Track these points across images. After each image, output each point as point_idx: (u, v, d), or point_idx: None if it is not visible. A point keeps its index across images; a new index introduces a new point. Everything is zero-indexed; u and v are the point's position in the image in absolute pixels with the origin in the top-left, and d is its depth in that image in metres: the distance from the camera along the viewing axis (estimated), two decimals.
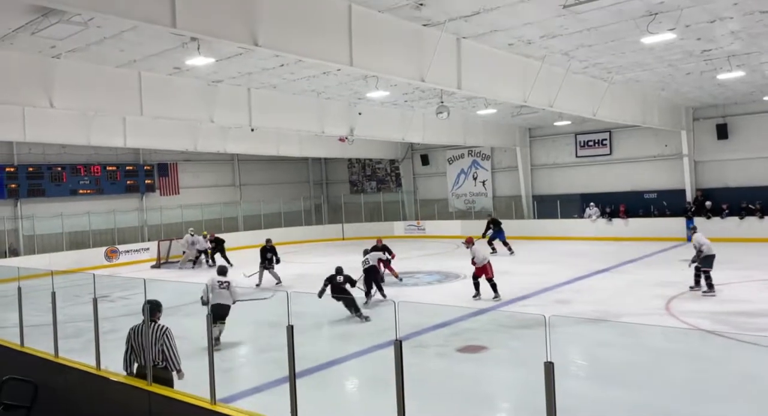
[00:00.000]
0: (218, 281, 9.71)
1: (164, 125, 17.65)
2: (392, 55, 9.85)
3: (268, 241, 15.93)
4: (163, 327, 5.81)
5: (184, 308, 9.67)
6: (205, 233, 21.65)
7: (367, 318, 10.67)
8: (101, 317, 6.39)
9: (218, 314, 9.19)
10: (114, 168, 24.13)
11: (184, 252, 21.08)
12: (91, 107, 12.49)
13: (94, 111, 13.21)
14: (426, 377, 7.26)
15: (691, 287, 12.19)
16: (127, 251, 22.59)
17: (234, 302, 9.64)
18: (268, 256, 15.40)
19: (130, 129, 17.07)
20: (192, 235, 21.01)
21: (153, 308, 5.87)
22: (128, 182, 24.59)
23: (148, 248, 22.76)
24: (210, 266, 20.27)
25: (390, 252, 14.80)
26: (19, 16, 8.54)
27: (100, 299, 6.48)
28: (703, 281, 11.86)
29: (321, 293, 10.59)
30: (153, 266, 21.51)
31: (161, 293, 6.22)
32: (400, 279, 14.37)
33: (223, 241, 21.04)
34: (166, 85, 12.94)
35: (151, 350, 5.66)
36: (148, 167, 25.39)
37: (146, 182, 25.23)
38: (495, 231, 20.43)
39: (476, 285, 12.40)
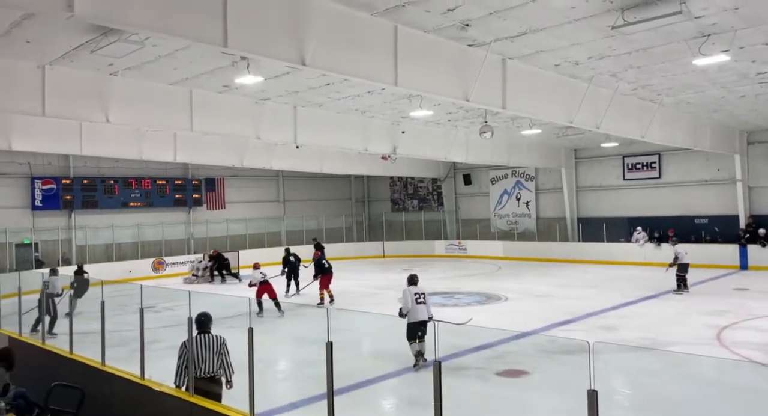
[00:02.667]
0: (415, 294, 8.75)
1: (212, 141, 18.13)
2: (437, 75, 9.89)
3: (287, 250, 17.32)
4: (221, 337, 6.05)
5: (227, 321, 9.81)
6: (215, 251, 22.00)
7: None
8: (146, 327, 6.55)
9: (416, 331, 8.57)
10: (163, 182, 24.87)
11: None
12: (144, 123, 12.94)
13: (147, 126, 13.68)
14: (465, 400, 7.15)
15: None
16: (174, 263, 23.14)
17: (430, 318, 8.65)
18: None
19: (180, 144, 17.60)
20: (200, 261, 21.87)
21: (208, 321, 6.10)
22: (177, 195, 25.29)
23: (193, 261, 23.26)
24: (222, 281, 20.75)
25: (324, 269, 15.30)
26: (80, 35, 8.96)
27: (146, 309, 6.65)
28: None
29: None
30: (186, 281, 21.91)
31: (205, 306, 6.33)
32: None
33: (224, 258, 21.24)
34: (216, 103, 13.29)
35: (212, 360, 5.80)
36: (196, 182, 26.06)
37: (194, 196, 25.90)
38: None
39: (259, 304, 13.11)
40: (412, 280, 9.19)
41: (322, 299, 14.96)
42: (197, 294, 6.24)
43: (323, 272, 15.25)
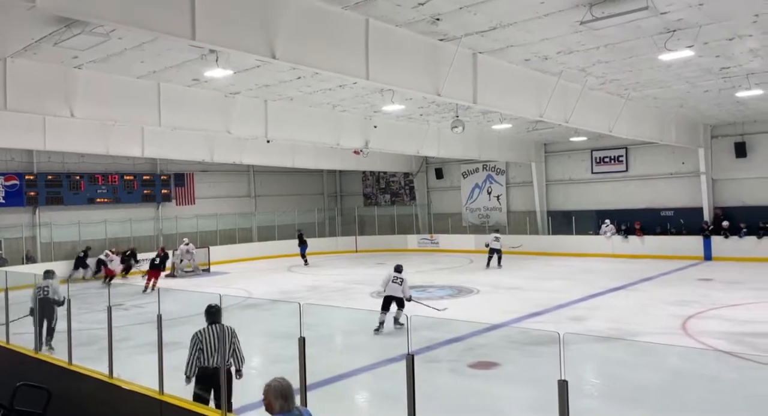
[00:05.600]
0: (393, 277, 11.23)
1: (181, 136, 17.85)
2: (408, 69, 9.90)
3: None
4: (231, 327, 6.03)
5: (197, 317, 9.71)
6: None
7: None
8: (114, 325, 6.44)
9: (386, 303, 11.05)
10: (131, 177, 24.41)
11: (182, 261, 21.79)
12: (110, 117, 12.66)
13: (114, 121, 13.40)
14: (437, 392, 7.19)
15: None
16: (143, 260, 22.71)
17: (408, 298, 11.14)
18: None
19: (148, 139, 17.28)
20: (187, 244, 21.80)
21: (218, 312, 6.09)
22: (145, 191, 24.86)
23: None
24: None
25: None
26: (43, 26, 8.71)
27: (114, 307, 6.53)
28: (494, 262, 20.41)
29: None
30: (168, 276, 21.64)
31: (175, 303, 6.26)
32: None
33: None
34: (185, 96, 13.09)
35: (227, 350, 5.84)
36: (165, 177, 25.65)
37: (162, 191, 25.48)
38: (301, 245, 24.01)
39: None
40: (397, 268, 11.47)
41: (146, 288, 17.23)
42: (166, 291, 6.15)
43: (152, 268, 18.40)
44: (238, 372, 6.12)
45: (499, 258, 20.50)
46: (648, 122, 17.73)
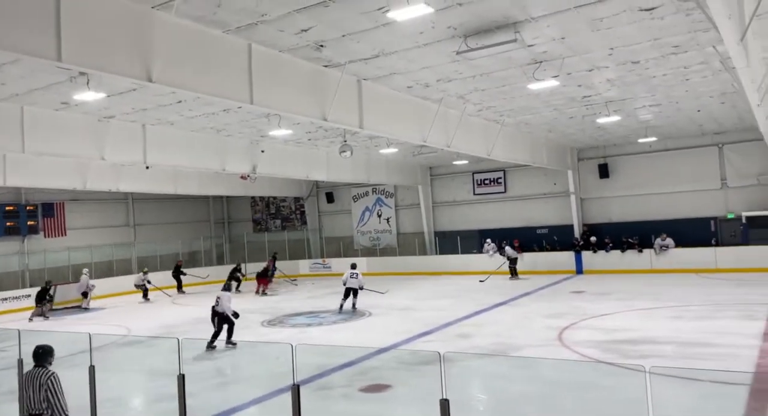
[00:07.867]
0: (351, 273, 15.59)
1: (50, 163, 16.55)
2: (294, 95, 9.90)
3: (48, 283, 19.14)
4: (49, 372, 5.40)
5: (69, 359, 8.97)
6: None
7: None
8: None
9: (347, 293, 15.49)
10: None
11: (85, 293, 20.59)
12: None
13: None
14: None
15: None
16: (5, 299, 20.67)
17: (361, 287, 15.63)
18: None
19: (11, 167, 15.83)
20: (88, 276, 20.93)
21: (45, 354, 5.47)
22: (8, 223, 22.73)
23: (29, 295, 20.92)
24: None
25: None
26: None
27: None
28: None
29: None
30: (35, 314, 19.80)
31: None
32: None
33: None
34: (52, 121, 12.22)
35: (35, 398, 5.22)
36: (31, 208, 23.61)
37: (29, 223, 23.42)
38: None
39: None
40: (353, 266, 16.17)
41: (257, 291, 21.23)
42: (30, 333, 5.64)
43: (258, 277, 21.83)
44: None
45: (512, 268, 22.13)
46: (522, 146, 18.90)
